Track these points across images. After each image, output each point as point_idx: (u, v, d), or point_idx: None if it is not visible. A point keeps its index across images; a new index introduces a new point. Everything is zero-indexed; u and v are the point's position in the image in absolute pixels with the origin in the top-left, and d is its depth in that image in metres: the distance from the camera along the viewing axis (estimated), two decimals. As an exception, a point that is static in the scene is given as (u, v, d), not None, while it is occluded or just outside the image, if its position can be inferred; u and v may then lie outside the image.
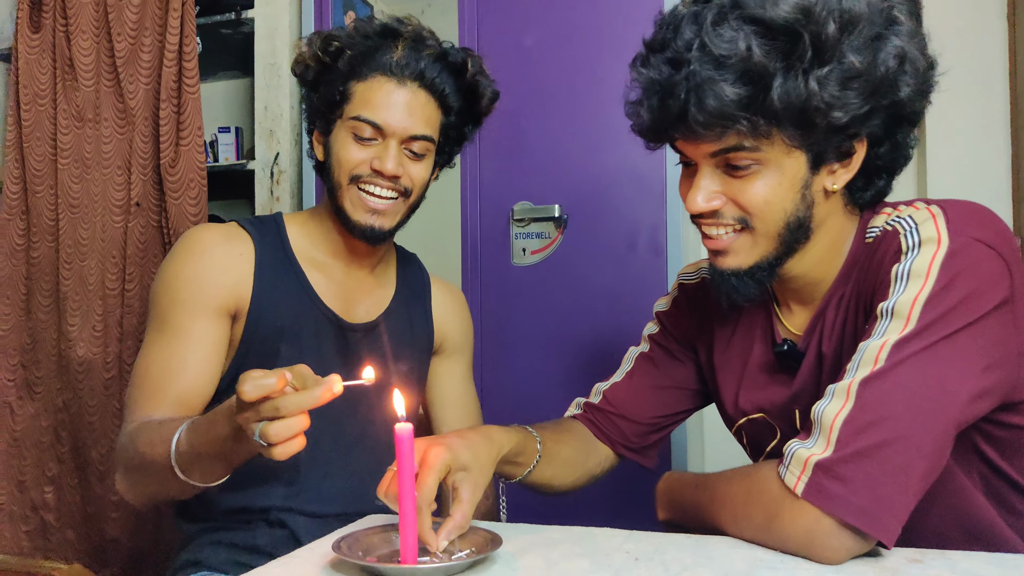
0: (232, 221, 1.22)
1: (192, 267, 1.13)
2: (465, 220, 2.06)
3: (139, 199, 2.18)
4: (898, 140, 0.90)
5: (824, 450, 0.78)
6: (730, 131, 0.83)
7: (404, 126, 1.14)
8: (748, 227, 0.89)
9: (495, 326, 2.03)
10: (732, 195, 0.88)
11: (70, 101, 2.24)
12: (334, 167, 1.17)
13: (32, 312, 2.24)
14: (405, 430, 0.76)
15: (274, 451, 0.79)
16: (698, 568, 0.78)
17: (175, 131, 2.15)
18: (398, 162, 1.14)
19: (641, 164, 1.94)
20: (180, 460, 0.93)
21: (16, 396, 2.22)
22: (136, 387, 1.10)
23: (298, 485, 1.16)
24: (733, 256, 0.91)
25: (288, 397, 0.78)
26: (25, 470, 2.20)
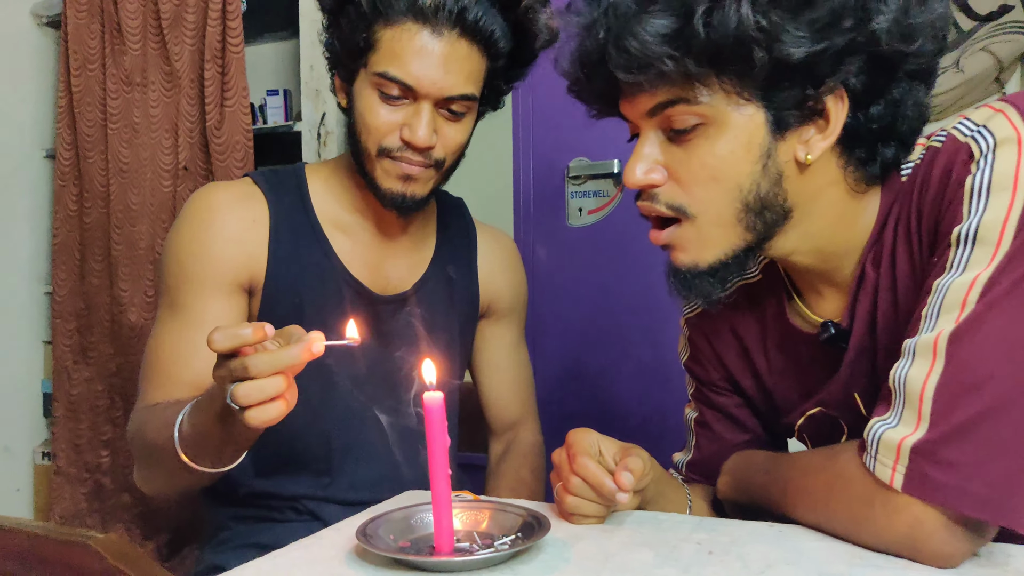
0: (246, 176, 1.08)
1: (200, 239, 1.01)
2: (517, 178, 1.94)
3: (186, 163, 2.16)
4: (896, 97, 0.71)
5: (916, 428, 0.64)
6: (662, 80, 0.69)
7: (440, 86, 0.96)
8: (686, 215, 0.74)
9: (549, 291, 1.92)
10: (675, 166, 0.73)
11: (118, 65, 2.22)
12: (359, 128, 1.00)
13: (86, 277, 2.25)
14: (435, 399, 0.66)
15: (246, 416, 0.70)
16: (785, 565, 0.67)
17: (220, 93, 2.11)
18: (431, 129, 0.97)
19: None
20: (185, 445, 0.84)
21: (72, 360, 2.24)
22: (147, 371, 1.01)
23: (330, 473, 1.07)
24: (683, 251, 0.76)
25: (260, 355, 0.68)
26: (81, 433, 2.23)
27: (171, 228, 1.05)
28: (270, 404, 0.70)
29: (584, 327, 1.91)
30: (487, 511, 0.76)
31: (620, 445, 0.80)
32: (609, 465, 0.77)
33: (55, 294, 2.28)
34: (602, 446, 0.79)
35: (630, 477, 0.75)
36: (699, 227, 0.74)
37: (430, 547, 0.70)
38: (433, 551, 0.69)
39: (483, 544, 0.71)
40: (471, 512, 0.76)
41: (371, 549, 0.67)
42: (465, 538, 0.72)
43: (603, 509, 0.78)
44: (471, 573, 0.66)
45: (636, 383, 1.87)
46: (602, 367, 1.89)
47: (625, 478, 0.75)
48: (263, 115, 2.39)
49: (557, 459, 0.80)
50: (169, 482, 0.95)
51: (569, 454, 0.79)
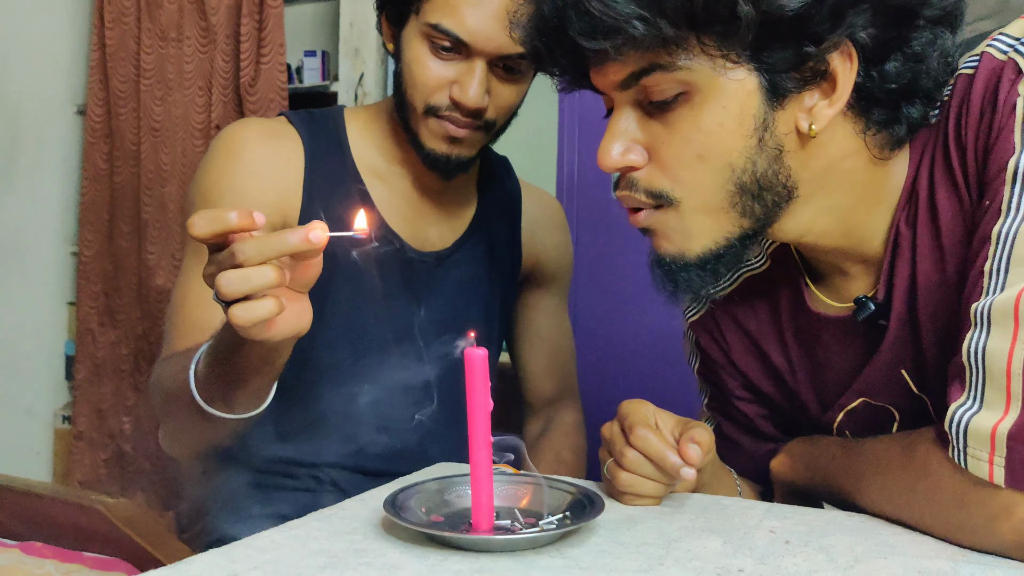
0: (280, 115, 1.01)
1: (230, 174, 0.93)
2: (562, 140, 1.84)
3: (219, 122, 2.10)
4: (915, 50, 0.60)
5: (1007, 411, 0.53)
6: (633, 46, 0.58)
7: (496, 43, 0.87)
8: (668, 201, 0.63)
9: (594, 262, 1.83)
10: (652, 145, 0.63)
11: (153, 19, 2.17)
12: (407, 80, 0.92)
13: (114, 239, 2.21)
14: (478, 356, 0.57)
15: (232, 312, 0.60)
16: (878, 559, 0.57)
17: (256, 48, 2.05)
18: (484, 89, 0.89)
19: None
20: (200, 387, 0.76)
21: (98, 322, 2.21)
22: (173, 318, 0.93)
23: (357, 439, 0.99)
24: (665, 239, 0.65)
25: (248, 240, 0.59)
26: (104, 398, 2.19)
27: (200, 164, 0.98)
28: (258, 301, 0.60)
29: (629, 300, 1.82)
30: (531, 486, 0.67)
31: (678, 419, 0.71)
32: (668, 440, 0.68)
33: (82, 254, 2.24)
34: (659, 419, 0.69)
35: (698, 450, 0.65)
36: (683, 214, 0.63)
37: (467, 523, 0.61)
38: (470, 528, 0.60)
39: (526, 523, 0.62)
40: (513, 487, 0.67)
41: (400, 522, 0.58)
42: (506, 515, 0.63)
43: (662, 488, 0.69)
44: (513, 554, 0.57)
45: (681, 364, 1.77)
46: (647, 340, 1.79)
47: (693, 450, 0.65)
48: (300, 76, 2.33)
49: (608, 432, 0.71)
50: (189, 437, 0.88)
51: (623, 426, 0.69)
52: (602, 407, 1.26)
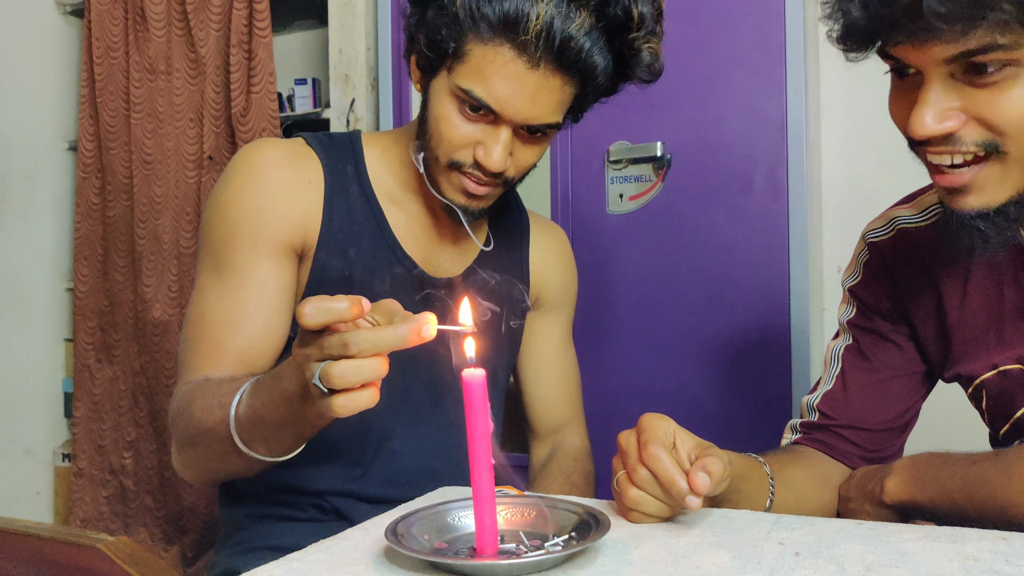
0: (298, 136, 1.00)
1: (252, 193, 0.91)
2: (555, 163, 1.85)
3: (211, 152, 2.09)
4: None
5: None
6: (979, 25, 0.62)
7: (525, 116, 0.88)
8: (998, 152, 0.67)
9: (588, 281, 1.82)
10: (976, 111, 0.66)
11: (142, 52, 2.17)
12: (431, 132, 0.92)
13: (109, 273, 2.19)
14: (476, 377, 0.57)
15: (334, 401, 0.61)
16: (890, 569, 0.56)
17: (246, 78, 2.04)
18: (507, 154, 0.90)
19: (755, 93, 1.68)
20: (240, 428, 0.75)
21: (95, 359, 2.18)
22: (191, 342, 0.92)
23: (364, 463, 0.98)
24: (977, 194, 0.69)
25: (362, 331, 0.60)
26: (104, 434, 2.17)
27: (216, 185, 0.96)
28: (360, 391, 0.61)
29: (623, 319, 1.81)
30: (535, 508, 0.66)
31: (698, 441, 0.70)
32: (683, 462, 0.67)
33: (76, 290, 2.23)
34: (678, 438, 0.69)
35: (706, 480, 0.64)
36: (1007, 165, 0.68)
37: (471, 548, 0.60)
38: (474, 553, 0.59)
39: (532, 546, 0.61)
40: (517, 509, 0.66)
41: (402, 551, 0.57)
42: (511, 538, 0.62)
43: (667, 509, 0.68)
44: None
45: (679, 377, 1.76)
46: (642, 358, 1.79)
47: (701, 480, 0.64)
48: (291, 105, 2.33)
49: (624, 443, 0.70)
50: (214, 468, 0.87)
51: (640, 440, 0.68)
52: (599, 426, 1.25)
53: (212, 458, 0.84)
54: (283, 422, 0.73)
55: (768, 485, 0.81)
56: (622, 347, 1.81)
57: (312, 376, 0.61)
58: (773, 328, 1.71)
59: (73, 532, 1.13)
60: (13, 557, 1.05)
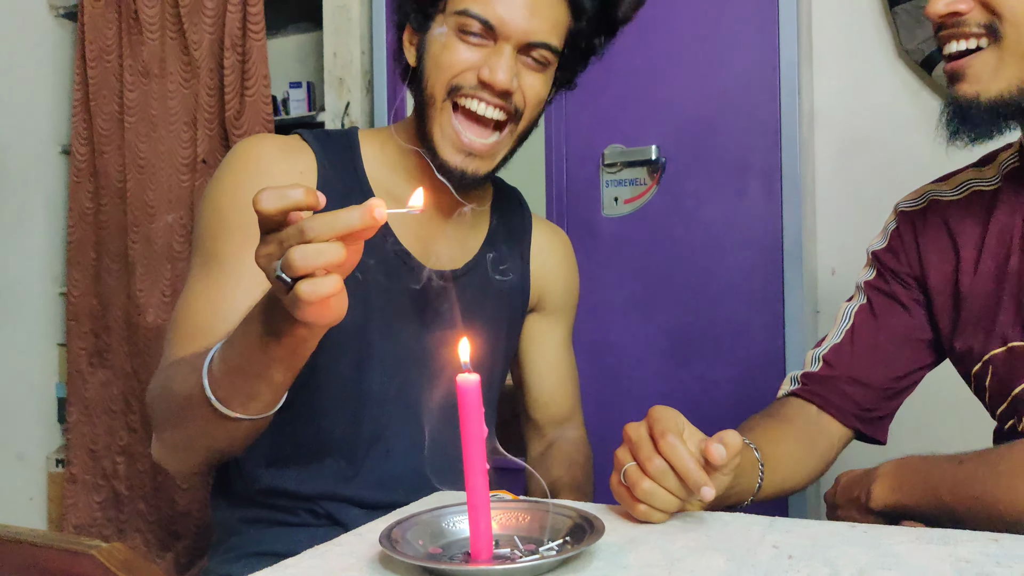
0: (295, 132, 1.00)
1: (244, 186, 0.91)
2: (550, 166, 1.85)
3: (205, 156, 2.09)
4: None
5: None
6: None
7: (524, 28, 0.90)
8: (996, 36, 0.74)
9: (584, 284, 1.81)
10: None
11: (136, 56, 2.17)
12: (429, 73, 0.92)
13: (102, 278, 2.19)
14: (470, 381, 0.57)
15: (299, 288, 0.59)
16: (882, 571, 0.56)
17: (240, 81, 2.04)
18: (512, 72, 0.90)
19: (749, 96, 1.69)
20: (215, 385, 0.74)
21: (87, 363, 2.18)
22: (177, 329, 0.90)
23: (355, 463, 0.97)
24: (972, 82, 0.76)
25: (317, 216, 0.60)
26: (97, 439, 2.16)
27: (212, 178, 0.96)
28: (323, 278, 0.60)
29: (618, 321, 1.81)
30: (530, 512, 0.66)
31: (703, 437, 0.70)
32: (694, 453, 0.67)
33: (70, 294, 2.22)
34: (687, 430, 0.70)
35: (722, 451, 0.66)
36: (1003, 52, 0.74)
37: (465, 553, 0.60)
38: (469, 558, 0.59)
39: (526, 550, 0.61)
40: (511, 513, 0.66)
41: (397, 556, 0.57)
42: (505, 543, 0.62)
43: (676, 503, 0.68)
44: (514, 583, 0.56)
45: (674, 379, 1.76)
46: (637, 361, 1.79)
47: (716, 451, 0.66)
48: (286, 108, 2.33)
49: (635, 434, 0.70)
50: (194, 446, 0.85)
51: (654, 431, 0.68)
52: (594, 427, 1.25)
53: (191, 434, 0.82)
54: (257, 366, 0.72)
55: (758, 472, 0.81)
56: (617, 349, 1.81)
57: (275, 271, 0.60)
58: (768, 330, 1.71)
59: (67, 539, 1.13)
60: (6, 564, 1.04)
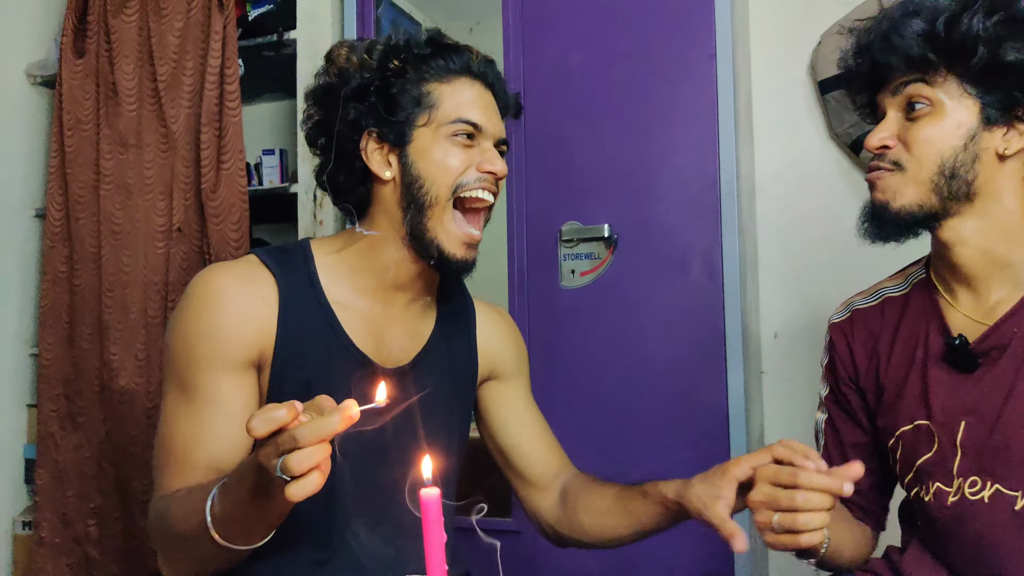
0: (251, 254, 1.09)
1: (208, 319, 1.00)
2: (511, 240, 1.97)
3: (181, 225, 2.15)
4: None
5: None
6: (910, 66, 0.93)
7: (498, 127, 1.10)
8: (900, 168, 0.95)
9: (543, 351, 1.94)
10: (903, 136, 0.95)
11: (112, 126, 2.22)
12: (429, 178, 1.05)
13: (74, 341, 2.21)
14: (431, 495, 0.67)
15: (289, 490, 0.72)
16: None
17: (216, 155, 2.12)
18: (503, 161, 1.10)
19: (693, 183, 1.84)
20: (218, 527, 0.84)
21: (59, 427, 2.19)
22: (162, 459, 1.00)
23: (330, 546, 1.05)
24: (881, 191, 0.96)
25: (304, 425, 0.72)
26: (68, 503, 2.16)
27: (176, 311, 1.05)
28: (309, 477, 0.72)
29: (577, 386, 1.92)
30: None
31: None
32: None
33: (42, 357, 2.24)
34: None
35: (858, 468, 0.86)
36: (904, 178, 0.95)
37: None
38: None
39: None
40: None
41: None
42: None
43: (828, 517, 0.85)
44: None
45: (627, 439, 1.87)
46: (593, 424, 1.89)
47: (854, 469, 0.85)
48: (259, 174, 2.40)
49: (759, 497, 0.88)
50: (201, 567, 0.94)
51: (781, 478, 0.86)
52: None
53: (198, 559, 0.92)
54: (252, 515, 0.83)
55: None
56: (574, 411, 1.92)
57: (275, 470, 0.73)
58: (711, 392, 1.84)
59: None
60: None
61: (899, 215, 0.95)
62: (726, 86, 1.83)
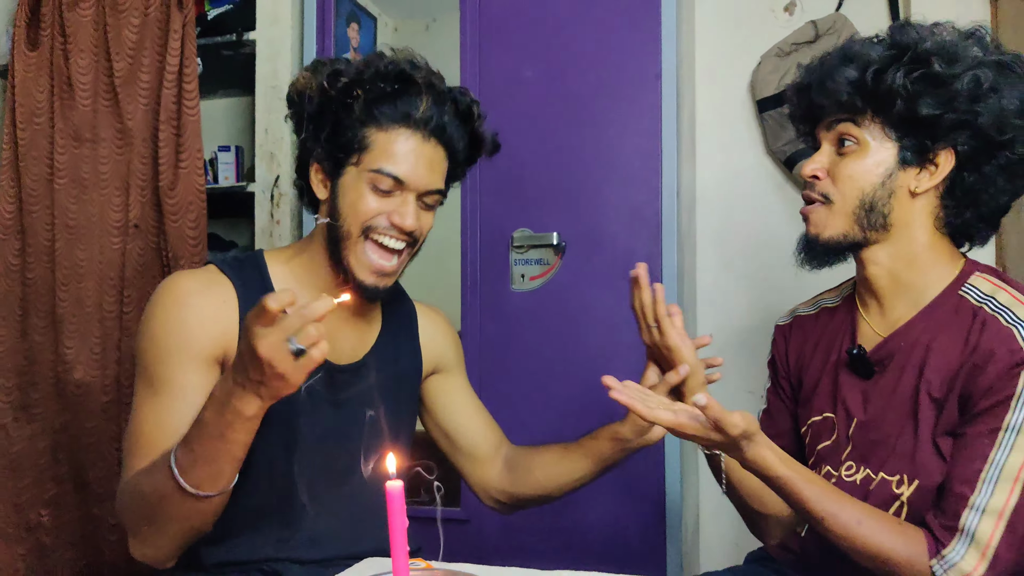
0: (210, 264, 1.18)
1: (175, 317, 1.09)
2: (465, 246, 2.06)
3: (137, 221, 2.17)
4: (986, 172, 1.04)
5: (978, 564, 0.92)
6: (841, 107, 1.06)
7: (425, 182, 1.13)
8: (828, 202, 1.09)
9: (494, 351, 2.04)
10: (833, 169, 1.09)
11: (67, 120, 2.21)
12: (344, 214, 1.13)
13: (28, 334, 2.21)
14: (396, 487, 0.76)
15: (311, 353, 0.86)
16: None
17: (174, 153, 2.14)
18: (416, 217, 1.13)
19: (636, 196, 1.96)
20: (183, 471, 0.93)
21: (12, 418, 2.19)
22: (132, 446, 1.07)
23: (291, 525, 1.15)
24: (813, 225, 1.10)
25: (311, 304, 0.85)
26: (21, 492, 2.17)
27: (144, 316, 1.13)
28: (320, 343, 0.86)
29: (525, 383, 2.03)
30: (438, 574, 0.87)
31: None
32: None
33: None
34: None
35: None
36: (831, 211, 1.09)
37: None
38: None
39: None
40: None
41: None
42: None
43: None
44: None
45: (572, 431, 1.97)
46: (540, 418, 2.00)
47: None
48: (213, 170, 2.43)
49: None
50: (173, 530, 1.01)
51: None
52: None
53: (169, 523, 0.99)
54: (220, 450, 0.92)
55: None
56: (521, 407, 2.02)
57: (292, 346, 0.85)
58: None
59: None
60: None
61: (828, 244, 1.09)
62: (670, 104, 1.94)
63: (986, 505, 0.92)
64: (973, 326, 1.00)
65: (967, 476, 0.94)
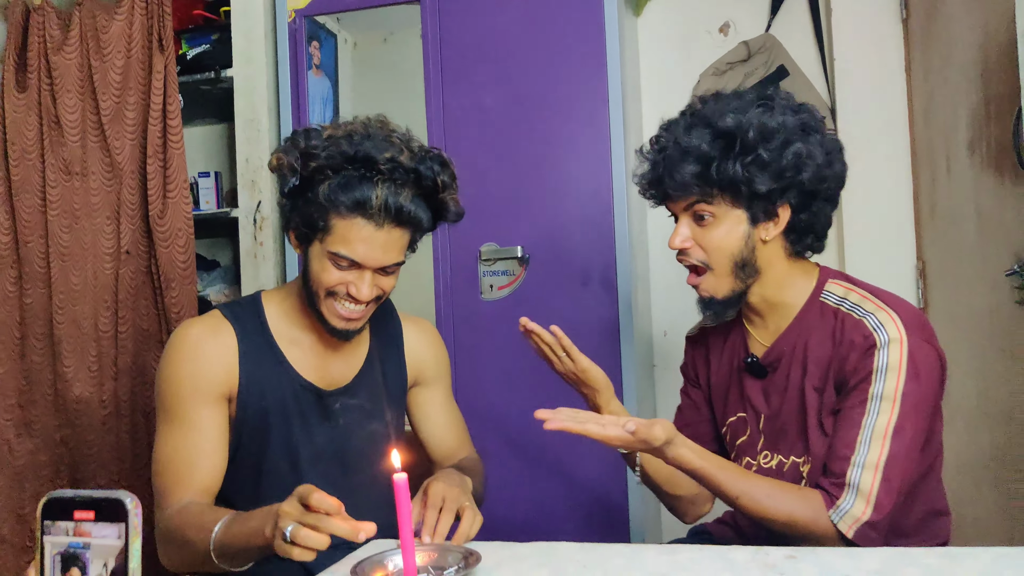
0: (215, 310, 1.35)
1: (187, 364, 1.27)
2: (437, 259, 2.25)
3: (128, 247, 2.31)
4: (814, 210, 1.26)
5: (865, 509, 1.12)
6: (691, 194, 1.24)
7: (380, 262, 1.23)
8: (708, 268, 1.26)
9: (467, 357, 2.22)
10: (698, 239, 1.26)
11: (57, 156, 2.34)
12: (312, 278, 1.26)
13: (26, 355, 2.34)
14: (402, 480, 0.94)
15: (292, 550, 0.93)
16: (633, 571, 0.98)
17: (162, 184, 2.29)
18: (371, 288, 1.25)
19: (592, 211, 2.16)
20: (217, 549, 1.10)
21: (15, 434, 2.32)
22: (161, 477, 1.26)
23: None
24: (704, 289, 1.28)
25: (331, 519, 0.92)
26: (25, 502, 2.30)
27: (161, 360, 1.31)
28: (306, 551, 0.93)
29: (497, 385, 2.22)
30: (436, 551, 1.05)
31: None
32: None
33: (-7, 370, 2.33)
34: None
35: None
36: (715, 275, 1.26)
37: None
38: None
39: (436, 574, 0.99)
40: (425, 552, 1.05)
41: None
42: (422, 570, 1.00)
43: None
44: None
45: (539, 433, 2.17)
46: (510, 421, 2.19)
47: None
48: (195, 194, 2.57)
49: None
50: (193, 567, 1.20)
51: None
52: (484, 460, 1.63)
53: (194, 562, 1.18)
54: (247, 548, 1.07)
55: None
56: (493, 410, 2.21)
57: (285, 528, 0.93)
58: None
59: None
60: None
61: (724, 302, 1.28)
62: (617, 125, 2.14)
63: (864, 461, 1.13)
64: (836, 324, 1.22)
65: (847, 440, 1.15)
